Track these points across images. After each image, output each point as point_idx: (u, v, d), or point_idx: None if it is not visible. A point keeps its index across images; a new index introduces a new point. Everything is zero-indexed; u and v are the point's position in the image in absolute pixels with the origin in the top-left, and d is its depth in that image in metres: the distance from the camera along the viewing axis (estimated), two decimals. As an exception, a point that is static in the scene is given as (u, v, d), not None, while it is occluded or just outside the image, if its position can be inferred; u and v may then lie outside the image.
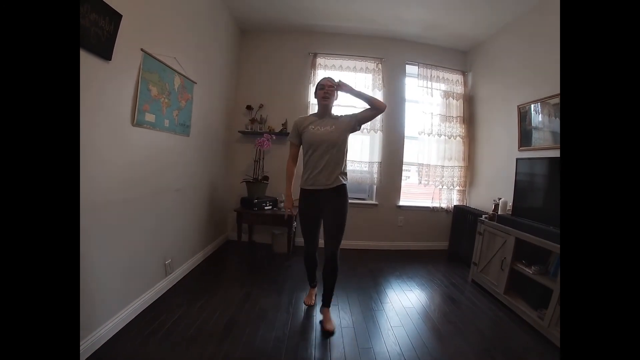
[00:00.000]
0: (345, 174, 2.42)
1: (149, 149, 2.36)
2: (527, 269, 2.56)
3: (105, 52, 1.80)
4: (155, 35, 2.32)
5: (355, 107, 4.12)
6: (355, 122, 2.36)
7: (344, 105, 3.87)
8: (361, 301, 2.77)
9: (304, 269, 2.73)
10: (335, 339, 2.19)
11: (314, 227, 2.51)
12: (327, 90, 2.34)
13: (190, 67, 2.85)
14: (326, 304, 2.45)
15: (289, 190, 2.56)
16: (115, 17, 1.83)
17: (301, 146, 2.46)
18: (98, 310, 1.92)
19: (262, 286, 2.98)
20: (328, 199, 2.35)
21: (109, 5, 1.75)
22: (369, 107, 2.30)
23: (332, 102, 2.41)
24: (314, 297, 2.72)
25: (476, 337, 2.29)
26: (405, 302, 2.81)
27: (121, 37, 1.89)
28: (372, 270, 3.56)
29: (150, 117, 2.32)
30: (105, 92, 1.84)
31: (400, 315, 2.56)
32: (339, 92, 2.41)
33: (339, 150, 2.33)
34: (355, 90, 2.34)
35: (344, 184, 2.37)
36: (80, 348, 1.75)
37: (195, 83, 2.97)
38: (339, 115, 2.45)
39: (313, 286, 2.78)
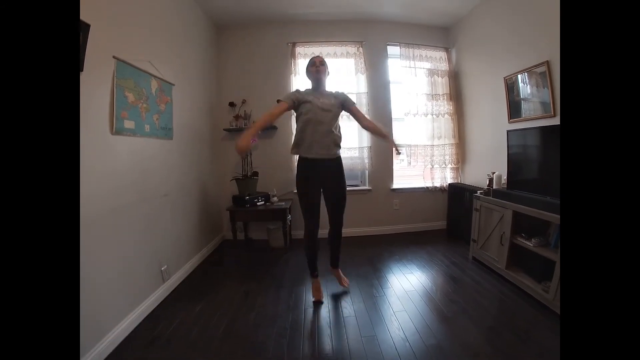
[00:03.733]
0: (340, 144, 2.57)
1: (131, 156, 2.30)
2: (527, 242, 2.54)
3: (75, 63, 1.74)
4: (127, 41, 2.25)
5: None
6: (348, 105, 2.56)
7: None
8: (362, 289, 2.75)
9: (301, 262, 2.70)
10: (338, 330, 2.17)
11: (317, 200, 2.52)
12: (318, 66, 2.50)
13: (166, 69, 2.77)
14: (336, 265, 2.75)
15: (258, 125, 2.36)
16: (83, 28, 1.77)
17: (296, 118, 2.53)
18: (96, 325, 1.89)
19: (260, 282, 2.96)
20: (329, 169, 2.50)
21: (76, 17, 1.69)
22: (363, 117, 2.61)
23: (325, 77, 2.56)
24: (321, 290, 2.64)
25: (481, 315, 2.28)
26: (406, 286, 2.80)
27: (91, 46, 1.83)
28: (371, 257, 3.54)
29: (129, 124, 2.25)
30: (80, 103, 1.76)
31: (402, 300, 2.55)
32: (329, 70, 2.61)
33: (337, 122, 2.51)
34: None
35: (340, 156, 2.58)
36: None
37: (174, 85, 2.89)
38: (332, 91, 2.60)
39: (315, 276, 2.67)
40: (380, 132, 2.62)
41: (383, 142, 4.25)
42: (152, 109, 2.53)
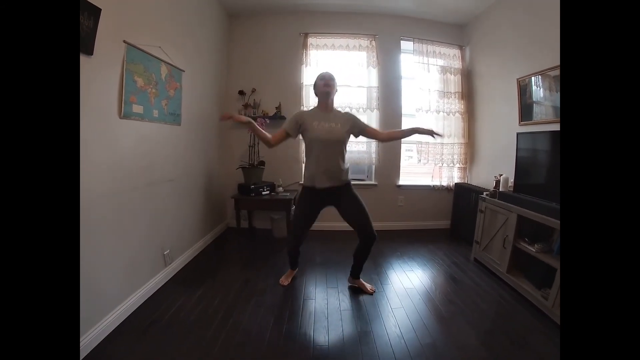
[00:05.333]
0: (348, 169, 2.48)
1: (139, 141, 2.32)
2: (530, 247, 2.52)
3: (86, 47, 1.75)
4: (138, 26, 2.25)
5: (350, 107, 4.11)
6: (357, 130, 2.44)
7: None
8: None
9: (303, 253, 2.72)
10: (334, 322, 2.19)
11: (310, 223, 2.52)
12: (327, 81, 2.35)
13: (177, 55, 2.77)
14: (358, 276, 2.68)
15: (257, 129, 2.32)
16: (94, 12, 1.77)
17: (303, 144, 2.49)
18: (98, 305, 1.93)
19: (261, 271, 2.99)
20: (338, 195, 2.44)
21: (87, 1, 1.69)
22: (377, 132, 2.57)
23: (333, 94, 2.40)
24: (290, 279, 2.77)
25: (478, 318, 2.28)
26: (406, 283, 2.81)
27: (102, 30, 1.83)
28: (372, 252, 3.51)
29: (138, 109, 2.27)
30: (89, 87, 1.78)
31: (400, 297, 2.56)
32: (337, 88, 2.45)
33: (345, 147, 2.41)
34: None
35: (349, 180, 2.49)
36: (81, 343, 1.76)
37: (184, 71, 2.89)
38: (341, 111, 2.50)
39: (294, 268, 2.82)
40: (403, 134, 2.64)
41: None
42: (161, 95, 2.54)
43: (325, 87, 2.34)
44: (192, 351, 1.87)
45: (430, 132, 2.41)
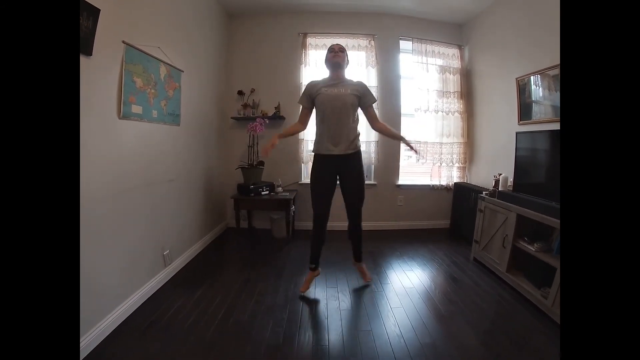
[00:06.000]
0: (358, 136, 2.44)
1: (138, 141, 2.32)
2: (529, 247, 2.52)
3: (85, 47, 1.75)
4: (137, 26, 2.25)
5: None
6: (364, 102, 2.42)
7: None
8: (361, 283, 2.77)
9: (303, 253, 2.69)
10: (334, 322, 2.19)
11: (328, 194, 2.46)
12: (337, 52, 2.35)
13: (176, 55, 2.77)
14: (359, 259, 2.71)
15: (280, 135, 2.36)
16: (93, 12, 1.77)
17: (314, 111, 2.43)
18: (98, 306, 1.93)
19: (261, 272, 2.99)
20: (347, 164, 2.38)
21: (86, 1, 1.69)
22: (375, 119, 2.51)
23: (344, 65, 2.41)
24: (309, 284, 2.62)
25: (478, 317, 2.28)
26: (405, 283, 2.81)
27: (101, 31, 1.83)
28: (372, 252, 3.53)
29: (137, 109, 2.27)
30: (88, 87, 1.78)
31: (400, 296, 2.56)
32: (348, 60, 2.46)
33: (354, 112, 2.36)
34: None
35: (360, 150, 2.45)
36: (81, 344, 1.75)
37: (183, 71, 2.89)
38: (351, 80, 2.46)
39: (313, 268, 2.63)
40: (393, 134, 2.66)
41: (391, 140, 4.26)
42: (160, 95, 2.54)
43: (334, 57, 2.36)
44: (192, 352, 1.87)
45: (413, 149, 2.52)
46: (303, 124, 2.48)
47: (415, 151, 2.48)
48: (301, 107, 2.42)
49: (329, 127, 2.31)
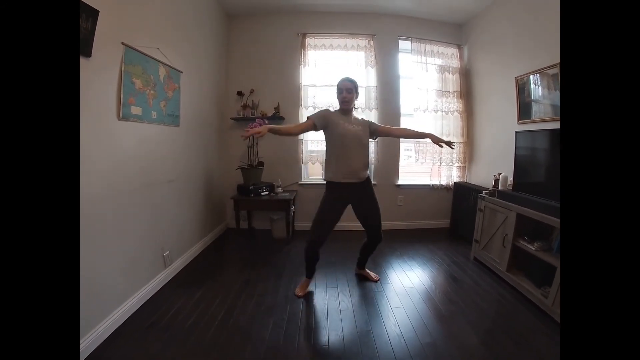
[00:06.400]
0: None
1: (138, 142, 2.32)
2: (529, 246, 2.52)
3: (84, 49, 1.76)
4: (136, 27, 2.26)
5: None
6: (372, 132, 2.56)
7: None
8: (361, 283, 2.77)
9: (302, 253, 2.68)
10: (334, 322, 2.19)
11: (336, 220, 2.50)
12: (345, 96, 2.42)
13: (175, 56, 2.77)
14: (363, 267, 2.89)
15: (278, 128, 2.32)
16: (92, 14, 1.77)
17: (325, 140, 2.51)
18: (97, 307, 1.93)
19: (261, 272, 2.99)
20: (360, 191, 2.51)
21: (85, 3, 1.70)
22: (392, 129, 2.75)
23: (353, 105, 2.51)
24: (306, 289, 2.63)
25: (478, 317, 2.28)
26: (406, 283, 2.81)
27: (100, 32, 1.84)
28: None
29: (136, 110, 2.27)
30: (87, 89, 1.79)
31: (400, 296, 2.56)
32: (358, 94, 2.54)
33: (367, 148, 2.51)
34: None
35: (368, 176, 2.59)
36: (82, 345, 1.76)
37: (182, 72, 2.89)
38: (359, 117, 2.60)
39: (309, 277, 2.67)
40: (417, 134, 2.73)
41: (389, 138, 4.26)
42: (159, 96, 2.54)
43: (343, 103, 2.45)
44: (192, 352, 1.87)
45: (448, 143, 2.46)
46: (299, 131, 2.54)
47: (449, 144, 2.47)
48: (309, 120, 2.41)
49: (349, 158, 2.40)
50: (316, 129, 2.41)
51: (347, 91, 2.41)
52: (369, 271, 2.89)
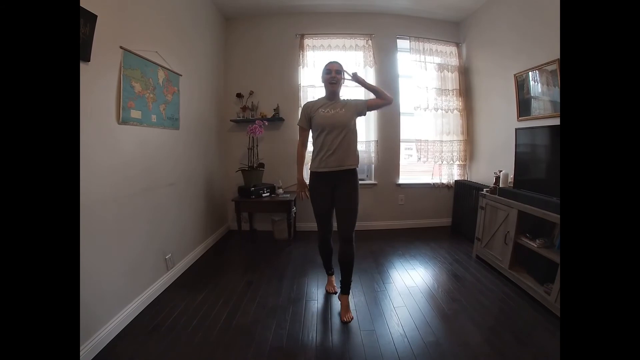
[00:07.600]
0: (357, 156, 2.41)
1: (138, 146, 2.33)
2: (531, 243, 2.52)
3: (83, 54, 1.76)
4: (134, 31, 2.26)
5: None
6: (363, 107, 2.41)
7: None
8: (363, 283, 2.77)
9: (304, 254, 2.70)
10: (337, 322, 2.19)
11: (328, 211, 2.41)
12: (333, 76, 2.35)
13: (174, 59, 2.78)
14: (344, 291, 2.38)
15: (300, 174, 2.50)
16: (90, 18, 1.78)
17: (310, 130, 2.43)
18: (99, 312, 1.93)
19: (263, 274, 2.99)
20: (340, 182, 2.31)
21: (83, 8, 1.70)
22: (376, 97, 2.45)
23: (340, 87, 2.42)
24: (334, 285, 2.66)
25: (481, 315, 2.28)
26: (408, 282, 2.80)
27: (98, 37, 1.84)
28: (373, 251, 3.54)
29: (136, 114, 2.27)
30: (87, 93, 1.79)
31: (403, 296, 2.56)
32: (346, 77, 2.45)
33: (351, 131, 2.33)
34: (367, 83, 2.50)
35: (355, 168, 2.35)
36: (82, 351, 1.75)
37: (181, 75, 2.90)
38: (347, 98, 2.47)
39: (330, 274, 2.69)
40: (372, 88, 2.52)
41: (389, 137, 4.27)
42: (158, 99, 2.54)
43: (331, 84, 2.37)
44: (196, 355, 1.87)
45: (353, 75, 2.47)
46: (304, 145, 2.50)
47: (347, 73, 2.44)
48: (299, 128, 2.43)
49: (327, 145, 2.28)
50: (309, 129, 2.41)
51: (337, 72, 2.36)
52: (347, 305, 2.34)
